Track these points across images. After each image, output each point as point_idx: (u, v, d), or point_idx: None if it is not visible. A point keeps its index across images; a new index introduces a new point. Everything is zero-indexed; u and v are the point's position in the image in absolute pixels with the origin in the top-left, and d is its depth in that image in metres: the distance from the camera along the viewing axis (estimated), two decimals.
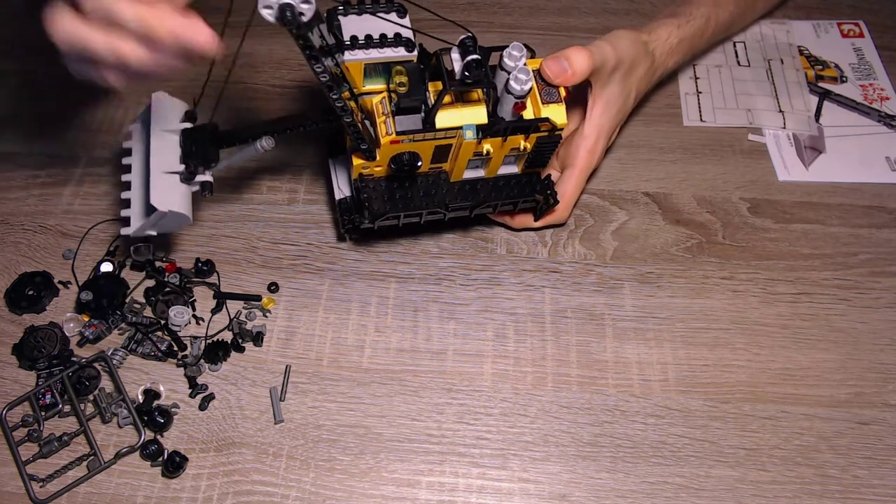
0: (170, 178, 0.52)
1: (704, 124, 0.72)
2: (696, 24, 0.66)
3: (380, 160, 0.52)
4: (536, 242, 0.63)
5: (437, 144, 0.51)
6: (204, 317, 0.58)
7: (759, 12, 0.78)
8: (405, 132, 0.49)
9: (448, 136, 0.50)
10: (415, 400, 0.55)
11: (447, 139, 0.51)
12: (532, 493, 0.51)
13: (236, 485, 0.51)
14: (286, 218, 0.64)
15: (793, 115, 0.71)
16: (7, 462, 0.51)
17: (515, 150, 0.53)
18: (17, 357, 0.56)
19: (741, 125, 0.71)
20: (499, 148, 0.52)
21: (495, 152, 0.53)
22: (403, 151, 0.51)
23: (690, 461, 0.52)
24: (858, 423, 0.54)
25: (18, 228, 0.64)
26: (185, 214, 0.52)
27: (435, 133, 0.50)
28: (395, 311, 0.59)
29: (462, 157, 0.53)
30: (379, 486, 0.51)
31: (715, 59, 0.76)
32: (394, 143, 0.50)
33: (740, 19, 0.74)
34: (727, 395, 0.55)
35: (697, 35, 0.66)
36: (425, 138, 0.50)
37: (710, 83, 0.74)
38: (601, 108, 0.58)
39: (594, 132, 0.58)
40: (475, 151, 0.52)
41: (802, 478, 0.51)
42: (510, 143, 0.52)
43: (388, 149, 0.50)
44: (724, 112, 0.72)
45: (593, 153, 0.59)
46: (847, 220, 0.65)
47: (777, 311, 0.59)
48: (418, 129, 0.49)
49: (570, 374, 0.56)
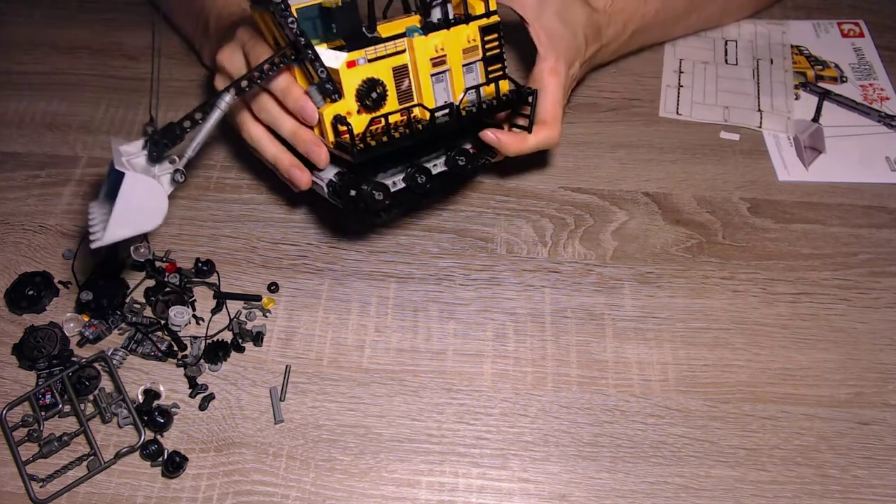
0: (138, 165, 0.49)
1: (679, 117, 0.72)
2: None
3: (346, 98, 0.52)
4: (536, 242, 0.63)
5: (394, 66, 0.52)
6: (204, 317, 0.58)
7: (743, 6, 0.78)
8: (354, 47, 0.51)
9: (399, 51, 0.52)
10: (415, 400, 0.55)
11: (398, 53, 0.52)
12: (532, 493, 0.51)
13: (236, 485, 0.51)
14: (286, 218, 0.64)
15: (771, 114, 0.71)
16: (7, 462, 0.51)
17: (469, 52, 0.54)
18: (17, 357, 0.56)
19: (715, 121, 0.71)
20: (452, 48, 0.53)
21: (451, 57, 0.54)
22: (366, 79, 0.52)
23: (690, 461, 0.52)
24: (858, 423, 0.54)
25: (18, 228, 0.64)
26: (158, 186, 0.47)
27: (385, 46, 0.52)
28: (395, 311, 0.59)
29: (423, 71, 0.53)
30: (379, 486, 0.51)
31: (703, 56, 0.76)
32: (350, 65, 0.51)
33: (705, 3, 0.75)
34: (727, 395, 0.55)
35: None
36: (377, 54, 0.51)
37: (694, 78, 0.74)
38: (546, 34, 0.60)
39: (550, 53, 0.59)
40: (432, 60, 0.53)
41: (802, 478, 0.51)
42: (460, 39, 0.54)
43: (348, 76, 0.51)
44: (701, 107, 0.72)
45: (556, 72, 0.59)
46: (847, 220, 0.65)
47: (777, 311, 0.59)
48: (365, 41, 0.51)
49: (570, 374, 0.56)
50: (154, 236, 0.63)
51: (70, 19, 0.81)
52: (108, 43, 0.79)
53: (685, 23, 0.76)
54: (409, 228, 0.64)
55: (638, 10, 0.69)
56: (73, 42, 0.79)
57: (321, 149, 0.53)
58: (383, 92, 0.52)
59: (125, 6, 0.82)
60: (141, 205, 0.47)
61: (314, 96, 0.52)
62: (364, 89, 0.52)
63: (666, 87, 0.74)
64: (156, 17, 0.73)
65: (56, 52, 0.78)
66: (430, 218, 0.65)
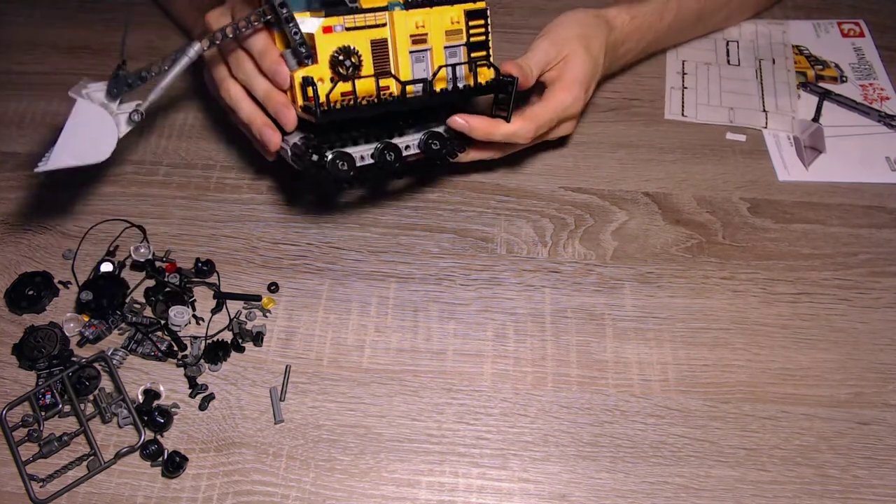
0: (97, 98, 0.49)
1: (685, 119, 0.72)
2: (654, 5, 0.69)
3: (320, 64, 0.52)
4: (536, 242, 0.63)
5: (372, 39, 0.52)
6: (204, 317, 0.58)
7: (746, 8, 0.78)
8: (333, 13, 0.51)
9: (379, 24, 0.52)
10: (415, 400, 0.55)
11: (378, 26, 0.52)
12: (532, 493, 0.51)
13: (236, 485, 0.51)
14: (286, 218, 0.64)
15: (776, 115, 0.71)
16: (7, 462, 0.51)
17: (453, 35, 0.53)
18: (17, 357, 0.56)
19: (721, 123, 0.71)
20: (434, 27, 0.53)
21: (433, 36, 0.53)
22: (341, 46, 0.51)
23: (690, 461, 0.52)
24: (858, 423, 0.54)
25: (18, 228, 0.64)
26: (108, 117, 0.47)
27: (365, 16, 0.51)
28: (395, 311, 0.59)
29: (402, 47, 0.53)
30: (379, 486, 0.51)
31: (705, 57, 0.76)
32: (326, 30, 0.51)
33: (715, 8, 0.75)
34: (727, 395, 0.55)
35: (655, 14, 0.69)
36: (356, 24, 0.51)
37: (697, 79, 0.74)
38: (568, 61, 0.62)
39: (567, 73, 0.61)
40: (412, 37, 0.53)
41: (802, 478, 0.51)
42: (443, 20, 0.53)
43: (323, 42, 0.51)
44: (706, 108, 0.72)
45: (569, 90, 0.61)
46: (847, 220, 0.65)
47: (777, 311, 0.59)
48: (345, 10, 0.51)
49: (570, 374, 0.56)
50: (154, 236, 0.63)
51: (70, 19, 0.81)
52: (108, 43, 0.79)
53: (693, 32, 0.76)
54: (409, 228, 0.64)
55: (654, 25, 0.69)
56: (73, 42, 0.79)
57: (290, 111, 0.54)
58: (358, 62, 0.52)
59: (125, 6, 0.82)
60: (89, 134, 0.47)
61: (288, 60, 0.52)
62: (338, 57, 0.52)
63: (670, 90, 0.74)
64: None
65: (56, 52, 0.78)
66: (430, 218, 0.65)
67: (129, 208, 0.65)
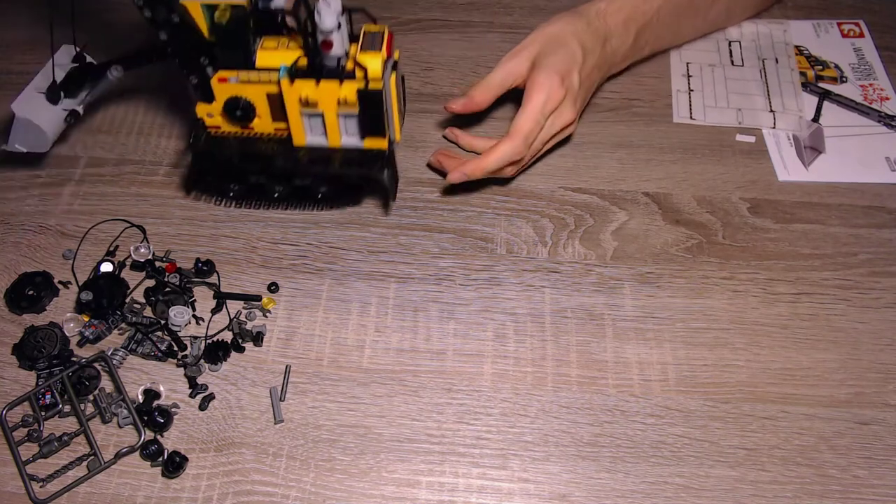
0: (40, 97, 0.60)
1: (694, 122, 0.72)
2: None
3: (216, 105, 0.54)
4: (536, 242, 0.63)
5: (268, 92, 0.53)
6: (204, 317, 0.58)
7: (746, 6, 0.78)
8: (228, 67, 0.52)
9: (273, 81, 0.52)
10: (415, 400, 0.55)
11: (272, 83, 0.53)
12: (532, 493, 0.51)
13: (236, 485, 0.51)
14: (286, 218, 0.64)
15: (784, 114, 0.71)
16: (7, 462, 0.51)
17: (346, 108, 0.53)
18: (17, 357, 0.56)
19: (730, 124, 0.71)
20: (325, 99, 0.53)
21: (324, 106, 0.53)
22: (236, 96, 0.53)
23: (690, 461, 0.52)
24: (858, 423, 0.54)
25: (18, 228, 0.64)
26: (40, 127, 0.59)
27: (259, 74, 0.52)
28: (395, 312, 0.59)
29: (291, 108, 0.53)
30: (379, 486, 0.51)
31: (709, 58, 0.76)
32: (221, 81, 0.52)
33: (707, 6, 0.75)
34: (727, 395, 0.55)
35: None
36: (250, 80, 0.53)
37: (703, 81, 0.74)
38: (538, 60, 0.62)
39: (539, 71, 0.61)
40: (301, 100, 0.53)
41: (802, 478, 0.51)
42: (332, 94, 0.52)
43: (219, 89, 0.53)
44: (714, 110, 0.72)
45: (541, 87, 0.60)
46: (847, 220, 0.65)
47: (777, 311, 0.59)
48: (239, 65, 0.52)
49: (570, 374, 0.56)
50: (154, 236, 0.63)
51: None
52: (108, 43, 0.78)
53: (692, 23, 0.76)
54: (409, 228, 0.64)
55: (638, 7, 0.68)
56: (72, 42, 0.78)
57: None
58: (249, 112, 0.55)
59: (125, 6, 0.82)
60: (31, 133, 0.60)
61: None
62: (228, 106, 0.54)
63: (677, 93, 0.74)
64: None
65: None
66: (430, 218, 0.65)
67: (129, 208, 0.65)
